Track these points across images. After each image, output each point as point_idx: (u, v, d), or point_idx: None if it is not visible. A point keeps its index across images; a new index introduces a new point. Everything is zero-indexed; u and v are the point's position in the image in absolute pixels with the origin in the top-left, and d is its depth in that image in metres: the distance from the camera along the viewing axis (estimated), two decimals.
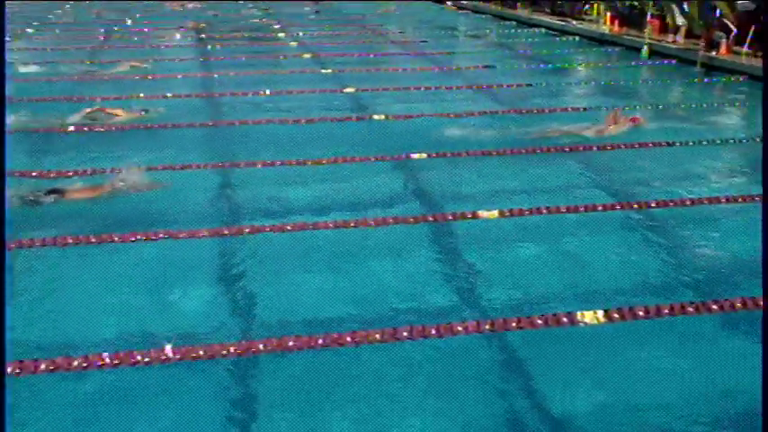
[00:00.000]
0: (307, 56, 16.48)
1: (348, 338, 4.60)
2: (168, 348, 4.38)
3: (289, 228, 6.40)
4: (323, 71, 14.49)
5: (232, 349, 4.52)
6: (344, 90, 12.37)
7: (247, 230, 6.38)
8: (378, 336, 4.63)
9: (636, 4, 19.15)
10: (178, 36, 19.81)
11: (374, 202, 7.13)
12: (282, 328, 4.85)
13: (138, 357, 4.36)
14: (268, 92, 12.04)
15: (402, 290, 5.48)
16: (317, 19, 24.74)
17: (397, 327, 4.73)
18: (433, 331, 4.68)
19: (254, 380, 4.42)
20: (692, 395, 4.28)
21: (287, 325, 4.90)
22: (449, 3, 29.90)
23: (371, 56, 16.81)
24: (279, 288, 5.49)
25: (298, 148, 8.72)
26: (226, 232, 6.37)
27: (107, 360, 4.32)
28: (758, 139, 9.38)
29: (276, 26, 22.09)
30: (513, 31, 21.74)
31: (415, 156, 8.45)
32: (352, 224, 6.46)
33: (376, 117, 10.44)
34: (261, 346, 4.55)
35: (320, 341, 4.58)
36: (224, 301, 5.33)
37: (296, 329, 4.78)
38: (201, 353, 4.42)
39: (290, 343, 4.56)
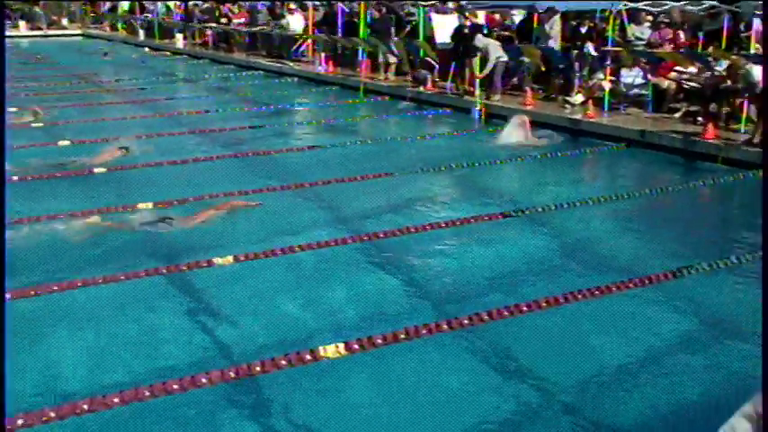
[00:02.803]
0: (12, 109, 15.31)
1: (85, 406, 4.30)
2: None
3: (32, 292, 5.88)
4: (33, 125, 13.52)
5: None
6: (59, 143, 11.64)
7: None
8: (116, 399, 4.37)
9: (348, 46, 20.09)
10: None
11: (103, 258, 6.76)
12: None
13: None
14: None
15: (141, 347, 5.25)
16: (23, 69, 23.18)
17: (138, 387, 4.51)
18: (176, 386, 4.51)
19: None
20: (437, 413, 4.51)
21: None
22: (146, 49, 29.48)
23: (86, 106, 16.01)
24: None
25: (17, 205, 8.02)
26: None
27: None
28: (467, 165, 10.20)
29: None
30: (231, 74, 21.84)
31: (141, 206, 8.15)
32: (79, 283, 6.08)
33: (96, 170, 9.95)
34: (20, 422, 4.14)
35: (85, 406, 4.28)
36: None
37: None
38: None
39: (52, 414, 4.22)
